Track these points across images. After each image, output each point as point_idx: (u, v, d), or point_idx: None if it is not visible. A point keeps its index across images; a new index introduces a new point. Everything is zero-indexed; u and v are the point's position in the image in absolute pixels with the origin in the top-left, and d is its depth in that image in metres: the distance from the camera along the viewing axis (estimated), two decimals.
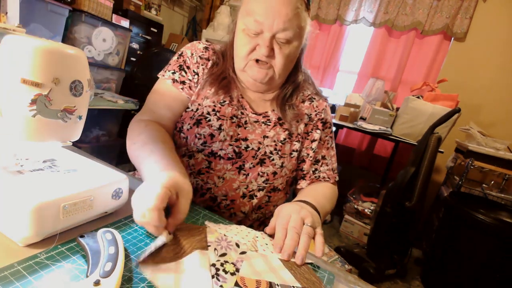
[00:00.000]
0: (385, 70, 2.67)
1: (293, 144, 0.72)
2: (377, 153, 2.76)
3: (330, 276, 0.45)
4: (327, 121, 0.78)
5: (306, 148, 0.75)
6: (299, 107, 0.75)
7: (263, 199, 0.71)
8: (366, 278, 1.63)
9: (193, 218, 0.52)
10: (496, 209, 1.71)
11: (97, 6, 1.74)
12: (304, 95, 0.78)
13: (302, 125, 0.74)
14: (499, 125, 2.26)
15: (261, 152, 0.68)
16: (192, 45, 0.75)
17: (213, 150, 0.65)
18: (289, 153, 0.71)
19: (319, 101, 0.78)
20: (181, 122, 0.69)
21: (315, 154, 0.76)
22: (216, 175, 0.66)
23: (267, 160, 0.68)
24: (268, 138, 0.69)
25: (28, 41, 0.37)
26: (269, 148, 0.68)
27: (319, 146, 0.76)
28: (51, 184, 0.40)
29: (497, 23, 2.22)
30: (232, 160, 0.66)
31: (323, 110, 0.78)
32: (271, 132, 0.70)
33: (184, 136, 0.67)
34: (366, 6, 2.65)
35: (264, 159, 0.68)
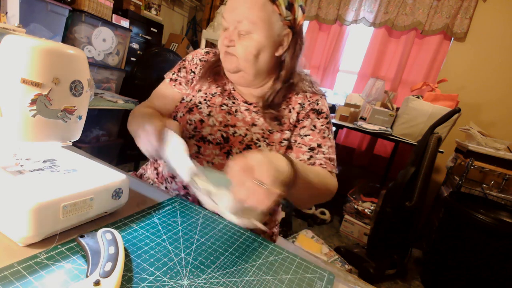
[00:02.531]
0: (385, 70, 2.67)
1: (284, 133, 0.72)
2: (377, 153, 2.76)
3: (330, 276, 0.45)
4: (322, 111, 0.76)
5: (294, 135, 0.74)
6: (291, 99, 0.76)
7: None
8: (366, 278, 1.63)
9: (193, 218, 0.52)
10: (496, 209, 1.71)
11: (97, 6, 1.74)
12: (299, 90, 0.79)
13: (295, 114, 0.74)
14: (499, 125, 2.26)
15: (247, 138, 0.70)
16: (195, 51, 0.85)
17: (203, 135, 0.69)
18: (278, 141, 0.71)
19: (314, 93, 0.78)
20: (175, 111, 0.76)
21: (310, 141, 0.72)
22: (205, 160, 0.69)
23: (254, 147, 0.69)
24: (256, 126, 0.72)
25: (28, 41, 0.37)
26: (256, 135, 0.70)
27: (314, 134, 0.73)
28: (51, 184, 0.40)
29: (497, 23, 2.23)
30: (220, 145, 0.69)
31: (317, 100, 0.77)
32: (260, 120, 0.72)
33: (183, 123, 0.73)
34: (366, 6, 2.65)
35: (251, 145, 0.69)
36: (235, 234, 0.50)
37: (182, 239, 0.45)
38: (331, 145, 0.74)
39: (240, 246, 0.47)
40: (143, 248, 0.41)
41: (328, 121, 0.76)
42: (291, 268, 0.44)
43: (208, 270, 0.40)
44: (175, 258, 0.40)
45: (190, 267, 0.39)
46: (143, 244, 0.42)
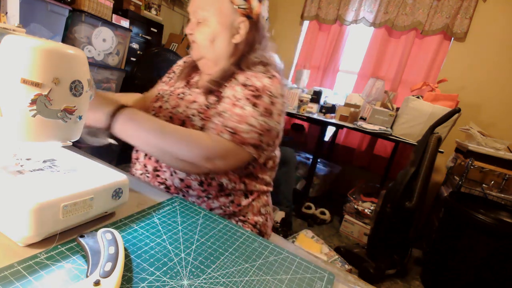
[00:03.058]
0: (385, 70, 2.67)
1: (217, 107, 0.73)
2: (377, 153, 2.76)
3: (330, 276, 0.45)
4: (252, 84, 0.71)
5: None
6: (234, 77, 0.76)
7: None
8: (366, 278, 1.63)
9: (193, 218, 0.52)
10: (496, 209, 1.71)
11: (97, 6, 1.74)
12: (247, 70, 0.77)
13: (228, 89, 0.75)
14: (499, 125, 2.26)
15: (184, 114, 0.73)
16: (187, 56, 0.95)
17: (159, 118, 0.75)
18: (212, 116, 0.71)
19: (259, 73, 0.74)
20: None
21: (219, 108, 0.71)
22: None
23: (188, 121, 0.72)
24: (196, 103, 0.75)
25: (28, 41, 0.37)
26: (192, 111, 0.73)
27: (227, 102, 0.70)
28: (51, 184, 0.40)
29: (497, 23, 2.23)
30: None
31: (253, 77, 0.73)
32: (201, 98, 0.75)
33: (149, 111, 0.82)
34: (366, 6, 2.65)
35: (185, 120, 0.72)
36: (235, 234, 0.50)
37: (182, 239, 0.45)
38: (240, 114, 0.67)
39: (240, 246, 0.47)
40: (143, 248, 0.41)
41: (253, 94, 0.70)
42: (291, 268, 0.44)
43: (208, 270, 0.40)
44: (175, 258, 0.40)
45: (190, 267, 0.39)
46: (143, 244, 0.42)
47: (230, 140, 0.65)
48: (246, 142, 0.66)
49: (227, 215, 0.77)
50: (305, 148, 3.07)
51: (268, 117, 0.69)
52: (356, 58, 2.85)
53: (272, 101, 0.70)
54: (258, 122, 0.67)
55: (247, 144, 0.67)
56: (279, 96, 0.72)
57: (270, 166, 0.83)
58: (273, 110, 0.70)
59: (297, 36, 3.11)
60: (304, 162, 2.61)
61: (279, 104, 0.72)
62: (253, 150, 0.68)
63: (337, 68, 2.92)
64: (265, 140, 0.70)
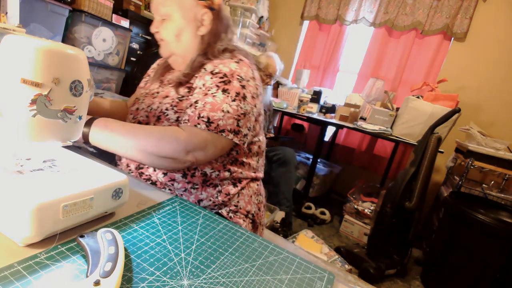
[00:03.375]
0: (385, 70, 2.68)
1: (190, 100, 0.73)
2: (377, 153, 2.76)
3: (330, 276, 0.45)
4: (219, 71, 0.71)
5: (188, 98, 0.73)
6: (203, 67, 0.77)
7: None
8: (366, 278, 1.63)
9: (193, 218, 0.52)
10: (496, 209, 1.71)
11: (97, 6, 1.74)
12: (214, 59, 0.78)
13: (198, 79, 0.75)
14: (499, 125, 2.26)
15: (158, 110, 0.74)
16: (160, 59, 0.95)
17: (138, 120, 0.78)
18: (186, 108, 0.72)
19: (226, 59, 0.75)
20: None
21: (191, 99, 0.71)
22: None
23: (163, 116, 0.73)
24: (169, 97, 0.75)
25: (28, 41, 0.37)
26: (165, 106, 0.74)
27: (199, 92, 0.70)
28: (51, 184, 0.40)
29: (497, 23, 2.23)
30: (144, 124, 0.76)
31: (221, 64, 0.73)
32: (173, 91, 0.76)
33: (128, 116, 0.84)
34: (366, 6, 2.65)
35: (161, 115, 0.73)
36: (235, 234, 0.50)
37: (182, 239, 0.45)
38: (212, 102, 0.67)
39: (240, 246, 0.47)
40: (143, 248, 0.41)
41: (222, 80, 0.69)
42: (291, 268, 0.44)
43: (208, 270, 0.40)
44: (175, 258, 0.40)
45: (190, 267, 0.39)
46: (143, 244, 0.42)
47: (206, 129, 0.65)
48: (223, 129, 0.66)
49: (217, 205, 0.75)
50: (305, 148, 3.07)
51: (242, 101, 0.69)
52: (356, 58, 2.85)
53: (243, 84, 0.70)
54: (232, 107, 0.67)
55: (225, 131, 0.66)
56: (250, 79, 0.72)
57: (255, 151, 0.82)
58: (245, 94, 0.70)
59: (297, 36, 3.11)
60: (304, 162, 2.61)
61: (251, 87, 0.72)
62: (232, 136, 0.67)
63: (337, 68, 2.92)
64: (243, 124, 0.69)
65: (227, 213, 0.76)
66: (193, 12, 0.75)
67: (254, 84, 0.74)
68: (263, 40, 2.82)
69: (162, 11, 0.75)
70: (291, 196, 1.95)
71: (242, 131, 0.69)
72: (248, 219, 0.79)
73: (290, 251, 0.48)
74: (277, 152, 1.96)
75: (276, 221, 1.82)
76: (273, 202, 1.93)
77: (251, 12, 2.52)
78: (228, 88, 0.69)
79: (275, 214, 1.84)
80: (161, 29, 0.77)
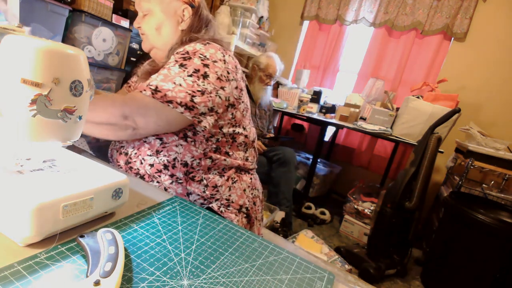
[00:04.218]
0: (385, 70, 2.68)
1: None
2: (377, 153, 2.76)
3: (330, 276, 0.45)
4: (184, 49, 0.71)
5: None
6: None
7: (131, 153, 0.75)
8: (366, 278, 1.63)
9: (193, 218, 0.52)
10: (496, 209, 1.71)
11: (97, 6, 1.74)
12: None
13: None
14: (499, 125, 2.26)
15: None
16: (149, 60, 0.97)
17: None
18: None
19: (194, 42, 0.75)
20: None
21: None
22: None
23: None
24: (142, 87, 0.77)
25: (28, 41, 0.37)
26: None
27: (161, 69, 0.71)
28: (51, 184, 0.40)
29: (497, 23, 2.23)
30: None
31: (187, 45, 0.73)
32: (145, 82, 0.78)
33: None
34: (366, 6, 2.65)
35: None
36: (235, 234, 0.50)
37: (182, 239, 0.45)
38: (165, 74, 0.66)
39: (240, 246, 0.47)
40: (143, 248, 0.41)
41: (182, 56, 0.69)
42: (291, 268, 0.44)
43: (208, 270, 0.40)
44: (175, 258, 0.40)
45: (190, 267, 0.39)
46: (143, 244, 0.42)
47: (150, 96, 0.63)
48: (170, 99, 0.63)
49: (207, 200, 0.75)
50: (305, 148, 3.07)
51: (201, 78, 0.67)
52: (356, 58, 2.85)
53: (206, 63, 0.68)
54: (186, 81, 0.65)
55: (173, 102, 0.64)
56: (218, 60, 0.71)
57: (241, 141, 0.80)
58: (207, 72, 0.68)
59: (297, 36, 3.11)
60: (304, 162, 2.61)
61: (218, 68, 0.70)
62: (183, 109, 0.65)
63: (337, 68, 2.92)
64: (200, 101, 0.66)
65: (218, 208, 0.75)
66: (173, 7, 0.78)
67: (223, 66, 0.71)
68: (263, 40, 2.82)
69: (144, 7, 0.78)
70: (291, 196, 1.95)
71: (199, 108, 0.66)
72: (241, 213, 0.78)
73: (290, 251, 0.48)
74: (277, 152, 1.96)
75: (276, 221, 1.82)
76: (273, 202, 1.93)
77: (251, 12, 2.52)
78: (186, 63, 0.67)
79: (275, 214, 1.84)
80: (142, 24, 0.80)
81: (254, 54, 2.63)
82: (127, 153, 0.75)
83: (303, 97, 2.54)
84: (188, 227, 0.49)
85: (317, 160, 2.33)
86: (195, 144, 0.73)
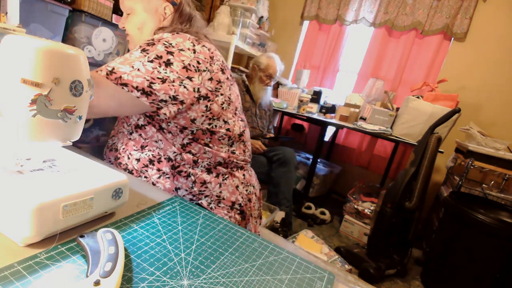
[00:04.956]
0: (385, 70, 2.67)
1: None
2: (377, 153, 2.76)
3: (330, 276, 0.45)
4: (151, 38, 0.69)
5: None
6: None
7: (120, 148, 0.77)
8: (366, 278, 1.63)
9: (193, 218, 0.52)
10: (496, 209, 1.71)
11: (97, 6, 1.74)
12: None
13: None
14: (499, 125, 2.26)
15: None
16: None
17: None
18: None
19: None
20: None
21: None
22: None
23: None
24: None
25: (28, 41, 0.37)
26: None
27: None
28: (51, 184, 0.40)
29: (497, 23, 2.23)
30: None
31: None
32: None
33: None
34: (366, 6, 2.65)
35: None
36: (235, 234, 0.50)
37: (182, 239, 0.45)
38: (125, 57, 0.65)
39: (240, 246, 0.47)
40: (143, 248, 0.41)
41: (147, 43, 0.67)
42: (291, 268, 0.44)
43: (208, 270, 0.40)
44: (175, 258, 0.40)
45: (190, 267, 0.39)
46: (143, 244, 0.42)
47: (104, 76, 0.61)
48: (125, 83, 0.61)
49: (195, 196, 0.74)
50: (305, 148, 3.07)
51: (162, 65, 0.64)
52: (356, 58, 2.85)
53: (170, 50, 0.66)
54: (145, 67, 0.63)
55: (128, 85, 0.61)
56: (185, 49, 0.68)
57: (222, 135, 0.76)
58: (171, 60, 0.65)
59: (297, 36, 3.11)
60: (304, 162, 2.61)
61: (184, 57, 0.67)
62: (139, 94, 0.62)
63: (337, 68, 2.92)
64: (160, 88, 0.63)
65: (207, 204, 0.75)
66: (154, 5, 0.78)
67: (192, 56, 0.68)
68: (263, 40, 2.82)
69: (126, 5, 0.78)
70: (291, 196, 1.95)
71: (158, 95, 0.63)
72: (234, 210, 0.77)
73: (290, 251, 0.48)
74: (277, 152, 1.96)
75: (276, 221, 1.82)
76: (273, 202, 1.93)
77: (251, 12, 2.51)
78: (148, 49, 0.65)
79: (275, 214, 1.84)
80: (126, 24, 0.80)
81: (254, 54, 2.63)
82: (117, 149, 0.76)
83: (303, 97, 2.54)
84: (188, 227, 0.49)
85: (317, 160, 2.33)
86: (172, 136, 0.72)
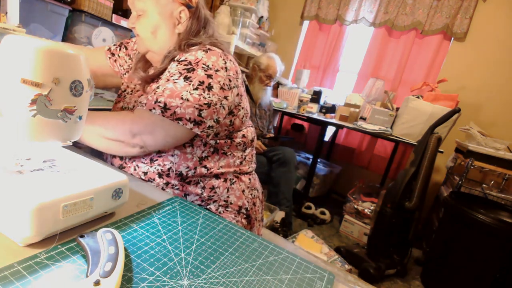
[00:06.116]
0: (385, 70, 2.68)
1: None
2: (377, 153, 2.76)
3: (330, 276, 0.45)
4: (186, 59, 0.69)
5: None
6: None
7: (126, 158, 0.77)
8: (366, 278, 1.63)
9: (193, 218, 0.52)
10: (496, 209, 1.71)
11: (97, 6, 1.74)
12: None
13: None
14: (499, 125, 2.26)
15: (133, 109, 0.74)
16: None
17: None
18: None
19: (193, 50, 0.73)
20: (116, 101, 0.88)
21: (153, 87, 0.73)
22: None
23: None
24: (143, 95, 0.77)
25: (28, 41, 0.37)
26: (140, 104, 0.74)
27: (162, 79, 0.70)
28: (51, 184, 0.40)
29: (497, 23, 2.23)
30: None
31: (188, 53, 0.72)
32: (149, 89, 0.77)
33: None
34: (366, 6, 2.65)
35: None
36: (235, 234, 0.50)
37: (182, 239, 0.45)
38: (171, 88, 0.65)
39: (240, 246, 0.47)
40: (143, 248, 0.41)
41: (186, 68, 0.68)
42: (291, 268, 0.44)
43: (208, 270, 0.40)
44: (175, 258, 0.40)
45: (190, 267, 0.39)
46: (143, 244, 0.42)
47: (160, 115, 0.63)
48: (180, 117, 0.63)
49: (204, 201, 0.74)
50: (305, 148, 3.07)
51: (206, 90, 0.66)
52: (356, 58, 2.85)
53: (209, 74, 0.67)
54: (192, 95, 0.64)
55: (183, 119, 0.63)
56: (220, 69, 0.69)
57: (240, 141, 0.79)
58: (211, 84, 0.67)
59: (297, 36, 3.11)
60: (304, 162, 2.61)
61: (220, 78, 0.69)
62: (192, 125, 0.64)
63: (337, 68, 2.92)
64: (207, 115, 0.66)
65: (216, 209, 0.75)
66: (169, 9, 0.74)
67: (225, 75, 0.70)
68: (263, 40, 2.82)
69: (138, 6, 0.74)
70: (291, 196, 1.95)
71: (206, 122, 0.66)
72: (241, 214, 0.77)
73: (290, 251, 0.48)
74: (277, 152, 1.96)
75: (276, 221, 1.82)
76: (273, 202, 1.93)
77: (251, 12, 2.51)
78: (190, 76, 0.66)
79: (275, 214, 1.84)
80: (137, 25, 0.76)
81: (254, 54, 2.63)
82: (122, 157, 0.74)
83: (303, 97, 2.54)
84: (188, 227, 0.49)
85: (317, 160, 2.33)
86: (192, 149, 0.72)
